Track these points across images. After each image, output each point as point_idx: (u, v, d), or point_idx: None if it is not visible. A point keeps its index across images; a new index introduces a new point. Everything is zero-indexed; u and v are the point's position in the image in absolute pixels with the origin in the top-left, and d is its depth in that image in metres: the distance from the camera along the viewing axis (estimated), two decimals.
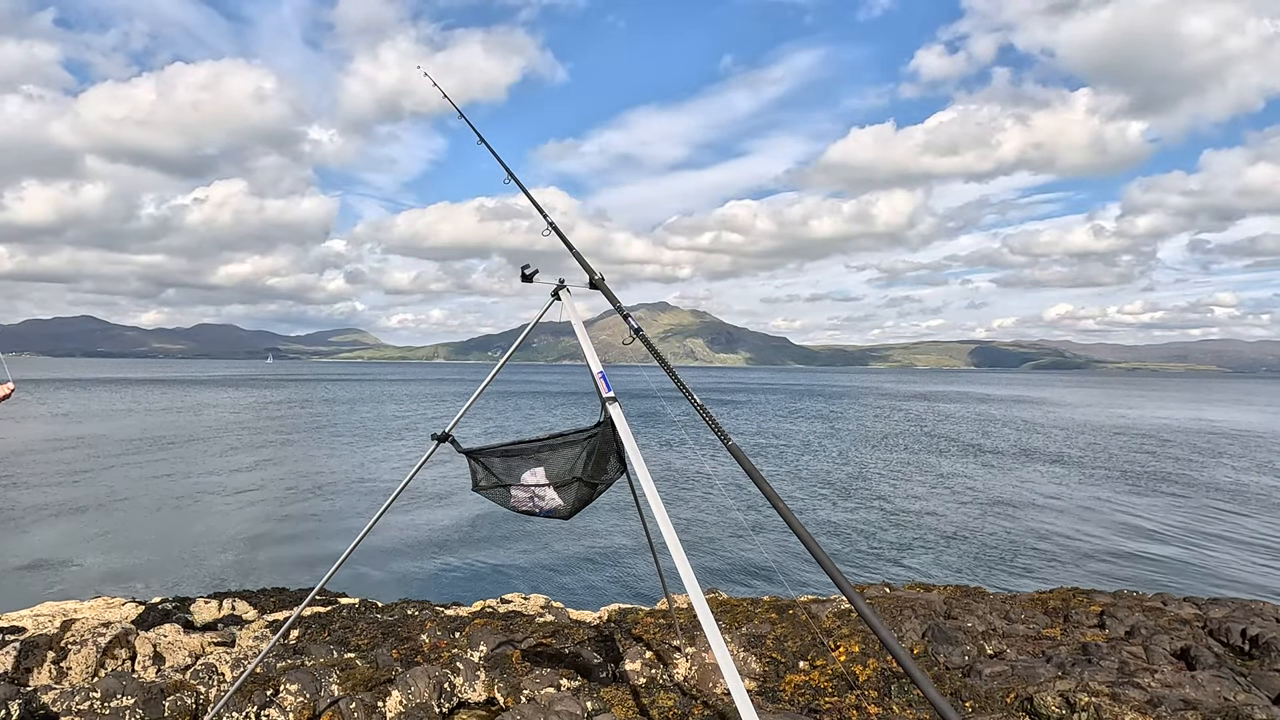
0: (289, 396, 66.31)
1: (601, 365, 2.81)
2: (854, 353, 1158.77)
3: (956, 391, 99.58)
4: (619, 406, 2.72)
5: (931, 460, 26.46)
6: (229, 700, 3.49)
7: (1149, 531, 15.32)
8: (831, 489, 20.19)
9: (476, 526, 15.39)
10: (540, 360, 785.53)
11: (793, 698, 3.71)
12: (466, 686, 3.74)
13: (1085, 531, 15.24)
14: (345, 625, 5.04)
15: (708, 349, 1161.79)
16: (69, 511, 16.72)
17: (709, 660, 3.87)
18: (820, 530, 15.12)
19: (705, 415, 2.50)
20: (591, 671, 3.95)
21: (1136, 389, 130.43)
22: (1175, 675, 3.67)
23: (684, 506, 17.10)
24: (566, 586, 11.25)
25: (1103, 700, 3.29)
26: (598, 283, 3.07)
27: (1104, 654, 3.99)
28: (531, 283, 3.09)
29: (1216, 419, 49.51)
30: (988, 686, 3.68)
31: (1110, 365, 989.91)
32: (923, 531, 15.16)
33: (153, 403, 53.61)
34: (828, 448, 30.08)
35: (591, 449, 3.18)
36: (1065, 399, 79.95)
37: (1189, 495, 19.62)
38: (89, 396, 60.07)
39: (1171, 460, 26.97)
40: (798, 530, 2.02)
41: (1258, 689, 3.51)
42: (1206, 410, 60.32)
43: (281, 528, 15.68)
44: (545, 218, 3.32)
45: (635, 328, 2.93)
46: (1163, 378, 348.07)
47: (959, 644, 4.19)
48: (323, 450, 28.55)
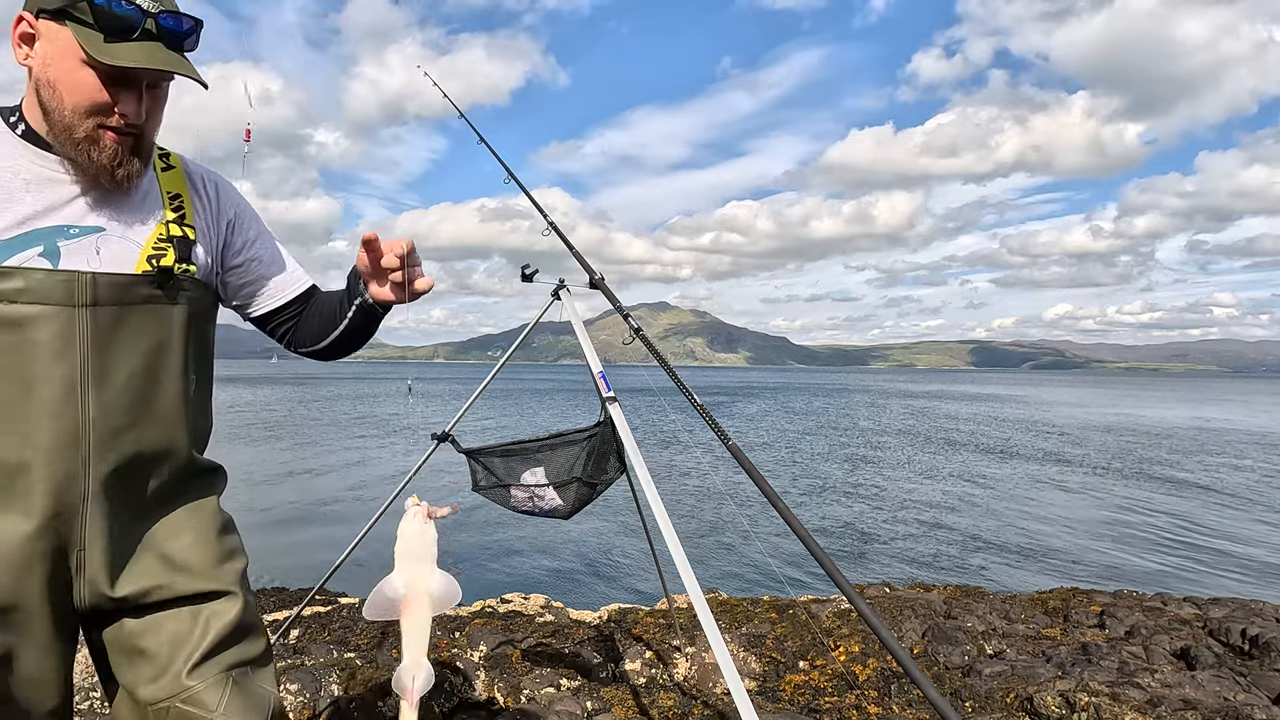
0: (288, 395, 66.39)
1: (601, 365, 2.81)
2: (854, 352, 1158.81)
3: (957, 391, 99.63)
4: (619, 406, 2.72)
5: (932, 460, 26.47)
6: None
7: (1149, 531, 15.33)
8: (831, 489, 20.20)
9: (476, 526, 15.41)
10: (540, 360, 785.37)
11: (793, 698, 3.72)
12: (466, 686, 3.74)
13: (1085, 531, 15.24)
14: (345, 625, 5.04)
15: (708, 349, 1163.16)
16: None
17: (709, 660, 3.87)
18: (820, 530, 15.13)
19: (705, 415, 2.50)
20: (591, 671, 3.95)
21: (1137, 389, 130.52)
22: (1175, 675, 3.67)
23: (684, 506, 17.11)
24: (566, 586, 11.26)
25: (1103, 700, 3.29)
26: (598, 283, 3.07)
27: (1104, 654, 3.99)
28: (531, 282, 3.09)
29: (1217, 419, 49.53)
30: (988, 686, 3.68)
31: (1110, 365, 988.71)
32: (923, 531, 15.16)
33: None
34: (828, 447, 30.09)
35: (591, 449, 3.18)
36: (1065, 398, 80.00)
37: (1189, 495, 19.63)
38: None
39: (1172, 460, 26.99)
40: (798, 530, 2.02)
41: (1258, 689, 3.51)
42: (1207, 410, 60.36)
43: (281, 527, 15.70)
44: (545, 218, 3.32)
45: (635, 327, 2.93)
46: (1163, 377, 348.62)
47: (959, 644, 4.19)
48: (322, 449, 28.57)
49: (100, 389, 1.17)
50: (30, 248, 1.15)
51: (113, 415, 1.18)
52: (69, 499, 1.16)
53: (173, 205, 1.30)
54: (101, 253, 1.19)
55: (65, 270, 1.15)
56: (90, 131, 1.15)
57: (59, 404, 1.14)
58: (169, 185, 1.32)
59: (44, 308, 1.13)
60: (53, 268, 1.15)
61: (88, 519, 1.18)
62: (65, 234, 1.17)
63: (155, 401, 1.23)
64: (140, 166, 1.22)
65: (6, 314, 1.13)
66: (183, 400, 1.28)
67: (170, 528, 1.29)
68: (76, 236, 1.18)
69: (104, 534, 1.20)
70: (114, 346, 1.18)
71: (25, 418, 1.13)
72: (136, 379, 1.21)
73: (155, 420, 1.24)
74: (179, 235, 1.28)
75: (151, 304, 1.22)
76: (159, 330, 1.23)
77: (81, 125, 1.15)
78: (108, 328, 1.17)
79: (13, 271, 1.13)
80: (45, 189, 1.18)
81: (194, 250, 1.29)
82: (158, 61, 1.14)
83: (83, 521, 1.18)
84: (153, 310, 1.22)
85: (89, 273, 1.16)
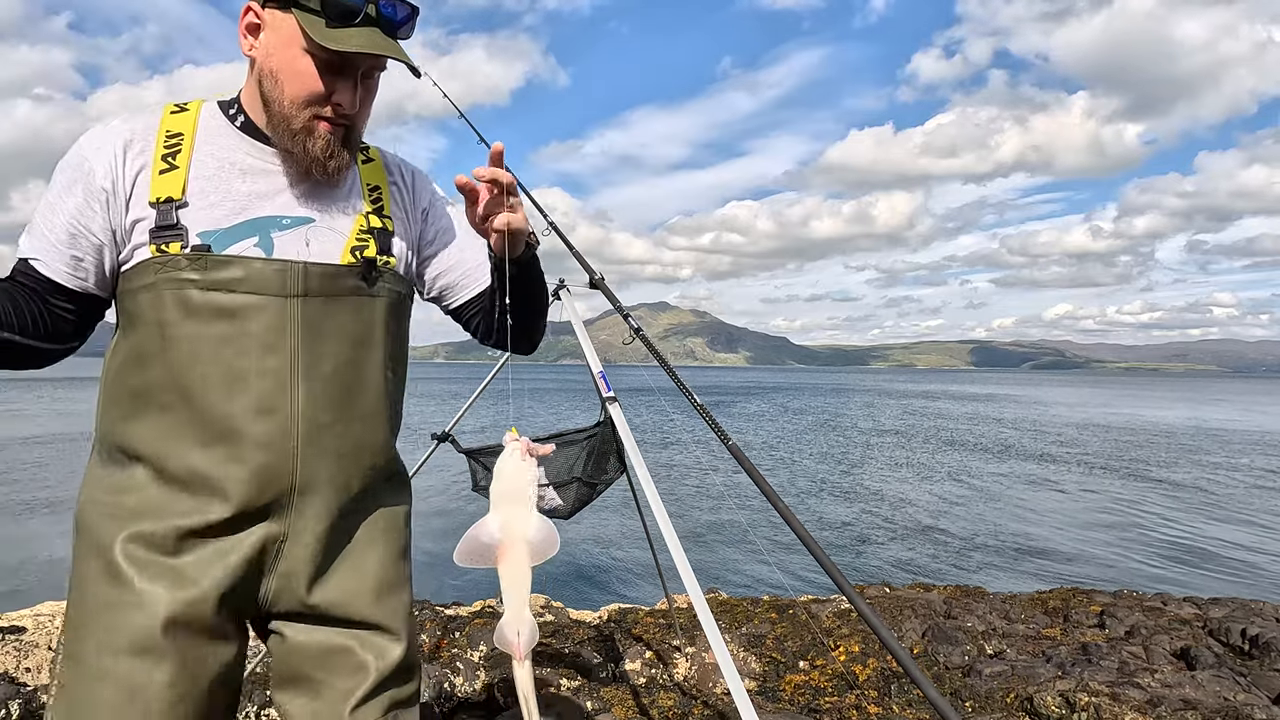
0: None
1: (601, 365, 2.81)
2: (854, 352, 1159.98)
3: (957, 391, 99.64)
4: (619, 406, 2.72)
5: (931, 459, 26.47)
6: None
7: (1149, 531, 15.33)
8: (831, 488, 20.21)
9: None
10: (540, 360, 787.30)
11: (793, 697, 3.72)
12: (466, 686, 3.74)
13: (1085, 532, 15.24)
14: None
15: (708, 349, 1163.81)
16: (68, 510, 16.74)
17: (709, 660, 3.87)
18: (820, 530, 15.13)
19: (705, 415, 2.50)
20: (591, 671, 3.95)
21: (1137, 389, 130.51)
22: (1175, 675, 3.67)
23: (684, 506, 17.11)
24: (566, 586, 11.25)
25: (1103, 700, 3.29)
26: (598, 283, 3.06)
27: (1104, 654, 3.99)
28: None
29: (1217, 418, 49.53)
30: (988, 686, 3.68)
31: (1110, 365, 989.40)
32: (923, 531, 15.16)
33: None
34: (827, 447, 30.09)
35: (591, 449, 3.19)
36: (1066, 398, 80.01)
37: (1189, 495, 19.63)
38: (89, 396, 60.08)
39: (1171, 460, 26.99)
40: (798, 530, 2.01)
41: (1258, 689, 3.51)
42: (1207, 410, 60.36)
43: None
44: (545, 218, 3.32)
45: (635, 327, 2.93)
46: (1163, 377, 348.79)
47: (959, 644, 4.19)
48: None
49: (309, 382, 1.15)
50: (247, 237, 1.15)
51: (320, 409, 1.16)
52: (275, 494, 1.14)
53: (371, 197, 1.28)
54: (311, 244, 1.18)
55: (280, 260, 1.15)
56: (306, 122, 1.15)
57: (270, 397, 1.13)
58: (368, 177, 1.31)
59: (259, 298, 1.12)
60: (267, 257, 1.14)
61: (293, 516, 1.17)
62: (278, 224, 1.17)
63: (359, 396, 1.21)
64: (350, 159, 1.22)
65: (224, 303, 1.11)
66: (384, 395, 1.25)
67: (366, 537, 1.26)
68: (289, 227, 1.18)
69: (307, 533, 1.18)
70: (322, 338, 1.16)
71: (237, 411, 1.11)
72: (342, 372, 1.18)
73: (359, 416, 1.21)
74: (378, 227, 1.26)
75: (356, 295, 1.20)
76: (362, 323, 1.21)
77: (299, 116, 1.15)
78: (316, 319, 1.16)
79: (231, 260, 1.12)
80: (260, 180, 1.18)
81: (392, 242, 1.27)
82: (378, 47, 1.13)
83: (288, 519, 1.16)
84: (357, 302, 1.20)
85: (301, 262, 1.15)
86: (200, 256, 1.11)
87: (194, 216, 1.14)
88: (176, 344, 1.12)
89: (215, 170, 1.17)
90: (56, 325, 1.18)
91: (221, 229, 1.14)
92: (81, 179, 1.14)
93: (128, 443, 1.16)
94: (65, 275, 1.16)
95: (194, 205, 1.14)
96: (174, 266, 1.11)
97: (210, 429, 1.12)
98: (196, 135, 1.19)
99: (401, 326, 1.30)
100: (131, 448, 1.16)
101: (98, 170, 1.14)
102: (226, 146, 1.19)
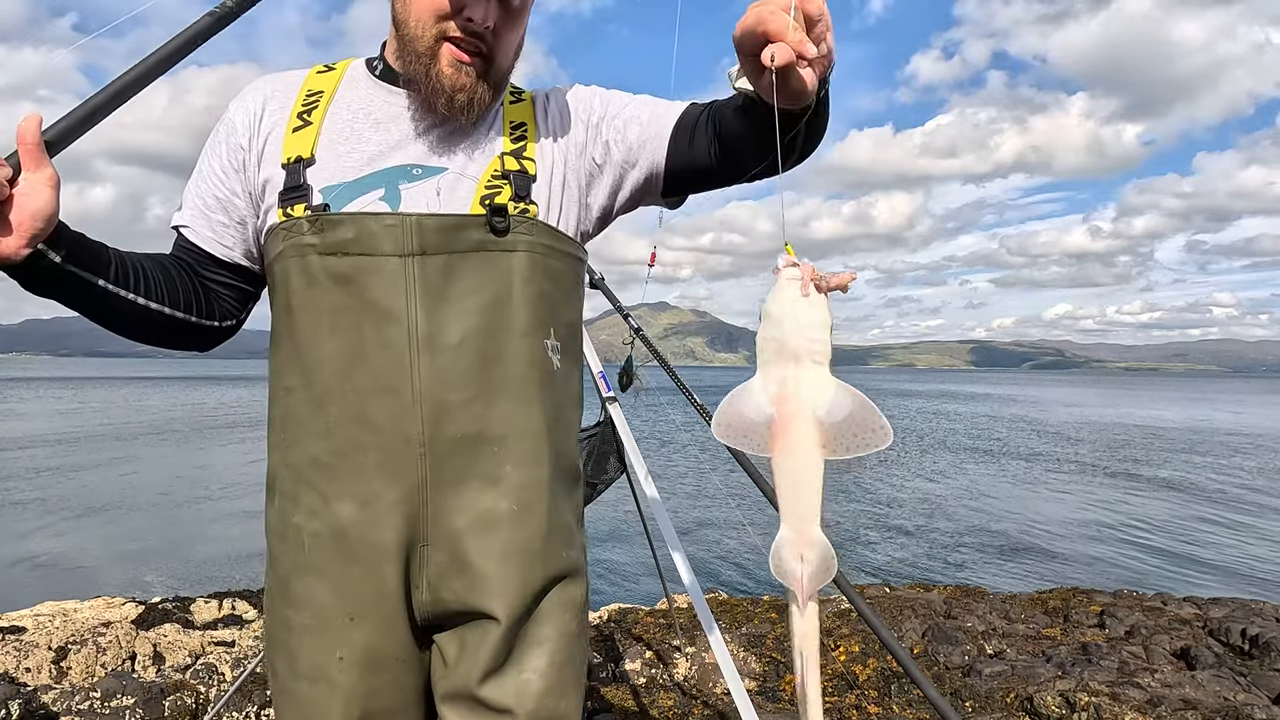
0: None
1: (601, 365, 2.81)
2: (854, 352, 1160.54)
3: (956, 391, 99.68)
4: (619, 406, 2.72)
5: (931, 459, 26.47)
6: (229, 700, 3.49)
7: (1149, 531, 15.33)
8: (830, 488, 20.19)
9: None
10: None
11: (793, 697, 3.72)
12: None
13: (1085, 532, 15.24)
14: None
15: (708, 348, 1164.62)
16: (69, 510, 16.75)
17: (709, 660, 3.87)
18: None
19: (705, 415, 2.50)
20: (591, 671, 3.95)
21: (1136, 389, 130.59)
22: (1175, 675, 3.67)
23: (684, 506, 17.11)
24: None
25: (1103, 700, 3.29)
26: (598, 283, 3.07)
27: (1104, 654, 3.99)
28: None
29: (1217, 418, 49.54)
30: (988, 686, 3.68)
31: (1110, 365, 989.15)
32: (923, 531, 15.17)
33: (154, 401, 53.71)
34: None
35: (591, 449, 3.18)
36: (1066, 398, 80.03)
37: (1189, 494, 19.64)
38: (90, 396, 60.18)
39: (1172, 460, 26.99)
40: None
41: (1258, 689, 3.51)
42: (1208, 409, 60.38)
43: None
44: None
45: (635, 327, 2.93)
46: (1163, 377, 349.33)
47: (959, 644, 4.19)
48: None
49: (433, 354, 0.99)
50: (372, 190, 1.03)
51: (448, 386, 1.00)
52: (407, 486, 1.00)
53: (514, 136, 1.10)
54: (441, 194, 1.04)
55: (393, 214, 1.00)
56: (432, 44, 1.01)
57: (390, 373, 0.99)
58: (513, 115, 1.12)
59: (372, 259, 0.99)
60: (388, 212, 1.01)
61: (430, 510, 1.01)
62: (408, 174, 1.04)
63: (496, 370, 1.02)
64: (486, 95, 1.04)
65: (339, 268, 0.99)
66: (531, 369, 1.05)
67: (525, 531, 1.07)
68: (420, 178, 1.04)
69: (450, 529, 1.02)
70: (445, 303, 1.00)
71: (358, 390, 0.99)
72: (472, 342, 1.01)
73: (497, 393, 1.03)
74: (515, 169, 1.07)
75: (485, 250, 1.02)
76: (495, 283, 1.02)
77: (425, 35, 1.01)
78: (438, 281, 1.00)
79: (343, 219, 1.00)
80: (393, 127, 1.07)
81: (533, 186, 1.07)
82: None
83: (425, 514, 1.01)
84: (487, 258, 1.02)
85: (414, 215, 1.00)
86: (318, 217, 1.00)
87: (320, 174, 1.04)
88: (299, 317, 1.02)
89: (348, 121, 1.07)
90: (210, 300, 1.11)
91: (344, 183, 1.03)
92: (224, 138, 1.09)
93: (270, 433, 1.09)
94: (212, 242, 1.09)
95: (321, 161, 1.04)
96: (296, 231, 1.01)
97: (327, 413, 1.01)
98: (337, 91, 1.10)
99: (558, 287, 1.09)
100: (271, 437, 1.09)
101: (239, 127, 1.08)
102: (363, 97, 1.09)
